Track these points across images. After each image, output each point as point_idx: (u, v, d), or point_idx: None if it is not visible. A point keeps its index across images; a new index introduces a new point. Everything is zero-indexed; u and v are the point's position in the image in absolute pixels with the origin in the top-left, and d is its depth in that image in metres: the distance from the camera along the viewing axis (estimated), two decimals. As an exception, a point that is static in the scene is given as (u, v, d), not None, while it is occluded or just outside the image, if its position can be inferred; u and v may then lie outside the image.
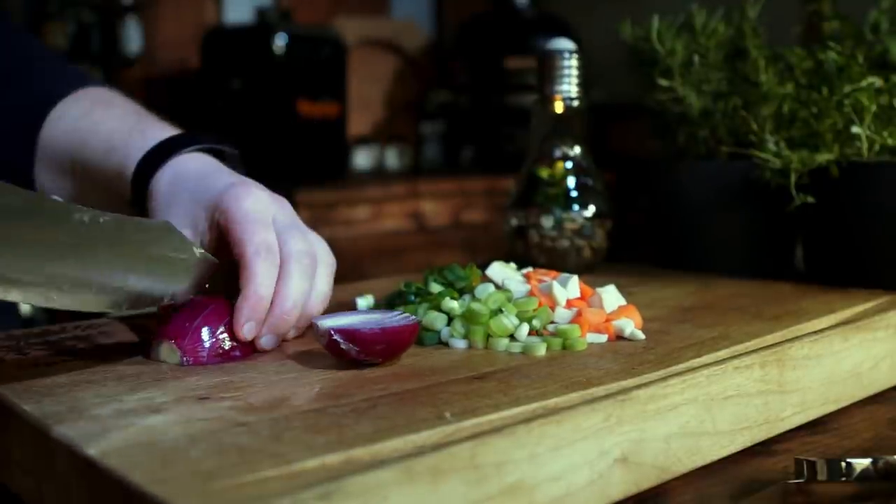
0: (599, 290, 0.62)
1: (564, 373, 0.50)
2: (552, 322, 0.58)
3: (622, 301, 0.62)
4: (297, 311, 0.56)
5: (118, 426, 0.41)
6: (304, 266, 0.57)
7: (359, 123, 2.55)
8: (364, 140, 2.53)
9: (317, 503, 0.33)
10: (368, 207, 2.08)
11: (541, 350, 0.54)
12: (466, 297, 0.59)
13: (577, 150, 0.83)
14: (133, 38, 2.23)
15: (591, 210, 0.82)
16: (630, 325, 0.58)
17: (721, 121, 0.83)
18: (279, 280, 0.55)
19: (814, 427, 0.55)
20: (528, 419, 0.40)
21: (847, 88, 0.72)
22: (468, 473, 0.37)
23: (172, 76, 2.36)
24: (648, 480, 0.45)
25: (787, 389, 0.53)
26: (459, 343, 0.56)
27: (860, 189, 0.74)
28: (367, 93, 2.60)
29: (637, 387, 0.45)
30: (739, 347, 0.55)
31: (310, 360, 0.53)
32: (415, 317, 0.55)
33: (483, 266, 0.64)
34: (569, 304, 0.60)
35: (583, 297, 0.61)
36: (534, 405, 0.43)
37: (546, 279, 0.62)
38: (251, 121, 2.10)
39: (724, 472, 0.48)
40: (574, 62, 0.82)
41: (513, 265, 0.65)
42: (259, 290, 0.54)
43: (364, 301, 0.66)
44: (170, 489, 0.33)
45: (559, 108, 0.82)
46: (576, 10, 2.56)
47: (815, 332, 0.57)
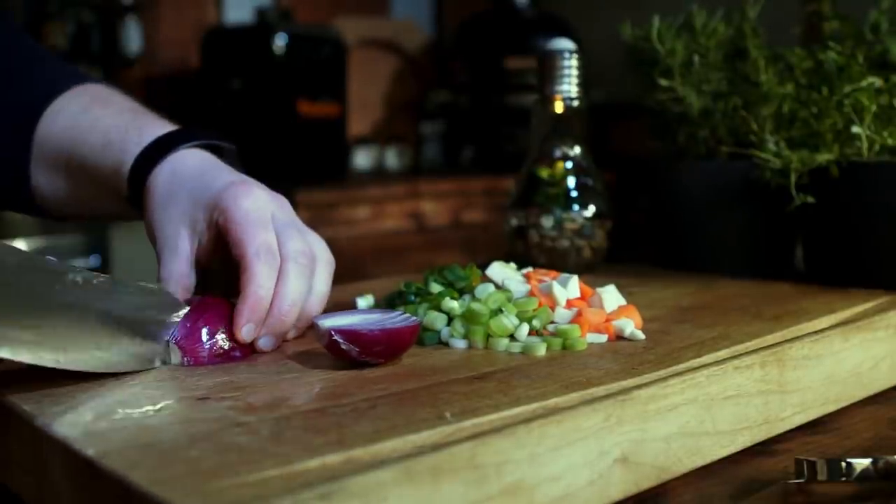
0: (599, 290, 0.62)
1: (564, 373, 0.50)
2: (552, 322, 0.58)
3: (622, 301, 0.62)
4: (296, 312, 0.56)
5: (118, 426, 0.41)
6: (303, 266, 0.56)
7: (359, 123, 2.55)
8: (364, 140, 2.53)
9: (317, 503, 0.33)
10: (368, 207, 2.08)
11: (541, 350, 0.54)
12: (466, 297, 0.59)
13: (577, 150, 0.83)
14: (133, 38, 2.23)
15: (591, 210, 0.82)
16: (630, 325, 0.58)
17: (721, 121, 0.83)
18: (277, 280, 0.55)
19: (814, 427, 0.55)
20: (528, 419, 0.40)
21: (847, 88, 0.72)
22: (468, 473, 0.37)
23: (172, 76, 2.36)
24: (648, 480, 0.45)
25: (787, 389, 0.53)
26: (459, 343, 0.56)
27: (860, 189, 0.74)
28: (367, 93, 2.60)
29: (637, 387, 0.45)
30: (739, 347, 0.55)
31: (310, 360, 0.53)
32: (415, 317, 0.55)
33: (483, 266, 0.64)
34: (569, 304, 0.60)
35: (583, 297, 0.61)
36: (534, 405, 0.43)
37: (546, 279, 0.62)
38: (251, 121, 2.10)
39: (724, 472, 0.48)
40: (574, 62, 0.82)
41: (513, 265, 0.65)
42: (258, 292, 0.54)
43: (364, 301, 0.66)
44: (170, 489, 0.33)
45: (559, 108, 0.82)
46: (576, 10, 2.56)
47: (815, 332, 0.57)
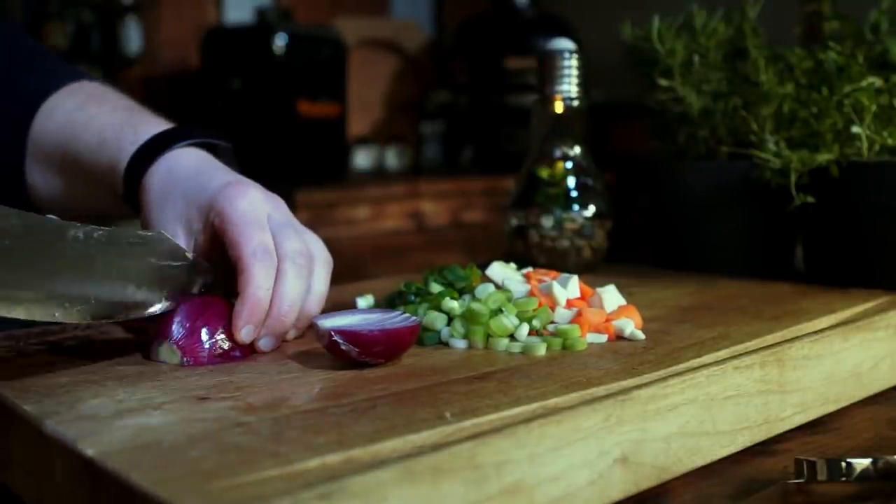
0: (599, 290, 0.62)
1: (564, 373, 0.50)
2: (552, 322, 0.58)
3: (622, 301, 0.62)
4: (295, 312, 0.56)
5: (118, 426, 0.41)
6: (300, 266, 0.56)
7: (359, 123, 2.55)
8: (364, 140, 2.53)
9: (317, 503, 0.33)
10: (368, 207, 2.08)
11: (541, 350, 0.54)
12: (466, 297, 0.59)
13: (577, 150, 0.83)
14: (133, 38, 2.23)
15: (591, 210, 0.82)
16: (630, 325, 0.58)
17: (721, 121, 0.83)
18: (276, 281, 0.55)
19: (814, 427, 0.55)
20: (528, 419, 0.40)
21: (847, 88, 0.72)
22: (468, 473, 0.37)
23: (172, 76, 2.36)
24: (648, 480, 0.45)
25: (787, 389, 0.53)
26: (459, 343, 0.56)
27: (860, 189, 0.74)
28: (367, 93, 2.60)
29: (637, 387, 0.45)
30: (739, 347, 0.55)
31: (310, 360, 0.53)
32: (415, 317, 0.55)
33: (483, 266, 0.64)
34: (569, 304, 0.60)
35: (583, 297, 0.61)
36: (534, 405, 0.43)
37: (546, 279, 0.62)
38: (251, 121, 2.10)
39: (724, 472, 0.48)
40: (574, 62, 0.82)
41: (513, 265, 0.65)
42: (257, 293, 0.54)
43: (364, 301, 0.66)
44: (170, 489, 0.33)
45: (559, 108, 0.82)
46: (576, 10, 2.56)
47: (815, 332, 0.57)
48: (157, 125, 0.65)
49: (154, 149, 0.62)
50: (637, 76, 0.89)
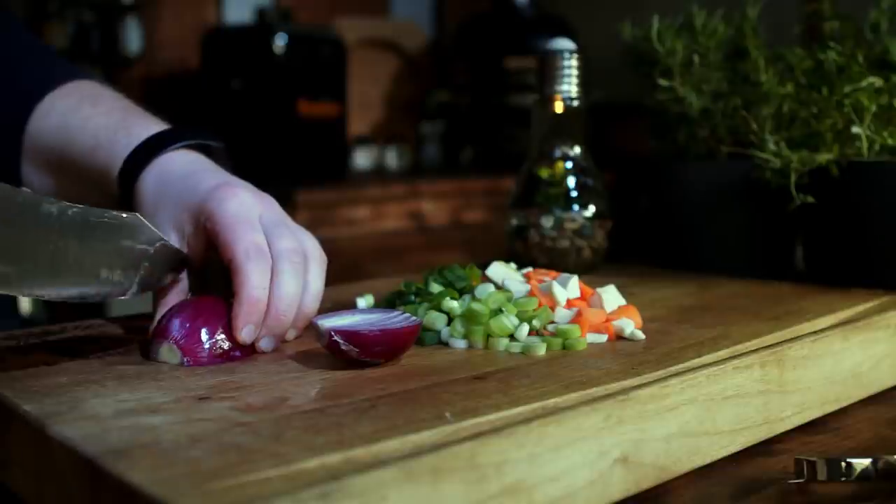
0: (599, 290, 0.62)
1: (564, 373, 0.50)
2: (552, 322, 0.58)
3: (622, 301, 0.62)
4: (293, 311, 0.56)
5: (118, 426, 0.41)
6: (295, 264, 0.56)
7: (359, 123, 2.55)
8: (364, 140, 2.53)
9: (317, 503, 0.33)
10: (368, 207, 2.07)
11: (541, 350, 0.54)
12: (466, 297, 0.59)
13: (577, 150, 0.83)
14: (133, 38, 2.23)
15: (591, 210, 0.82)
16: (630, 325, 0.58)
17: (721, 121, 0.83)
18: (272, 280, 0.55)
19: (814, 427, 0.55)
20: (528, 419, 0.40)
21: (847, 88, 0.72)
22: (468, 473, 0.37)
23: (172, 76, 2.36)
24: (648, 480, 0.45)
25: (787, 389, 0.53)
26: (459, 343, 0.56)
27: (860, 189, 0.74)
28: (367, 93, 2.60)
29: (637, 387, 0.45)
30: (739, 347, 0.55)
31: (310, 360, 0.53)
32: (415, 317, 0.55)
33: (483, 266, 0.64)
34: (569, 304, 0.60)
35: (583, 297, 0.61)
36: (534, 405, 0.43)
37: (546, 279, 0.62)
38: (251, 121, 2.09)
39: (724, 472, 0.48)
40: (574, 62, 0.82)
41: (513, 265, 0.65)
42: (253, 293, 0.54)
43: (364, 301, 0.66)
44: (170, 489, 0.33)
45: (559, 108, 0.82)
46: (576, 10, 2.56)
47: (815, 332, 0.57)
48: (151, 127, 0.64)
49: (146, 153, 0.62)
50: (637, 76, 0.89)
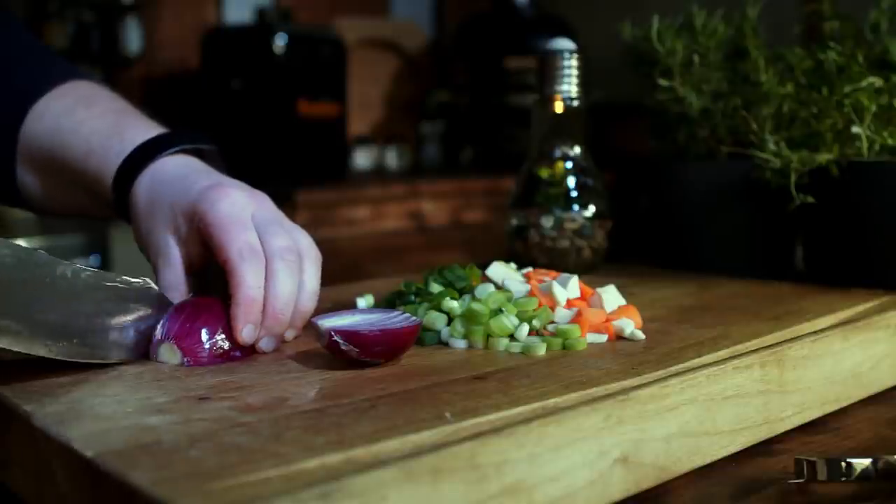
0: (599, 290, 0.62)
1: (564, 373, 0.50)
2: (552, 322, 0.58)
3: (622, 301, 0.62)
4: (290, 310, 0.55)
5: (118, 426, 0.41)
6: (290, 262, 0.56)
7: (359, 123, 2.55)
8: (364, 140, 2.53)
9: (317, 503, 0.33)
10: (368, 207, 2.07)
11: (541, 350, 0.54)
12: (466, 297, 0.59)
13: (577, 150, 0.83)
14: (133, 38, 2.23)
15: (591, 210, 0.82)
16: (630, 325, 0.58)
17: (721, 121, 0.83)
18: (267, 280, 0.55)
19: (814, 427, 0.55)
20: (528, 419, 0.40)
21: (847, 88, 0.72)
22: (468, 473, 0.37)
23: (172, 76, 2.36)
24: (648, 480, 0.45)
25: (787, 389, 0.53)
26: (459, 343, 0.56)
27: (860, 189, 0.74)
28: (367, 93, 2.60)
29: (637, 387, 0.45)
30: (739, 347, 0.55)
31: (310, 360, 0.53)
32: (415, 317, 0.55)
33: (483, 266, 0.64)
34: (569, 304, 0.60)
35: (583, 297, 0.61)
36: (534, 405, 0.43)
37: (546, 279, 0.62)
38: (251, 121, 2.10)
39: (724, 472, 0.48)
40: (574, 62, 0.82)
41: (513, 265, 0.65)
42: (249, 293, 0.54)
43: (364, 301, 0.66)
44: (170, 489, 0.33)
45: (559, 108, 0.82)
46: (576, 10, 2.56)
47: (815, 332, 0.57)
48: (144, 132, 0.64)
49: (140, 160, 0.62)
50: (637, 76, 0.89)
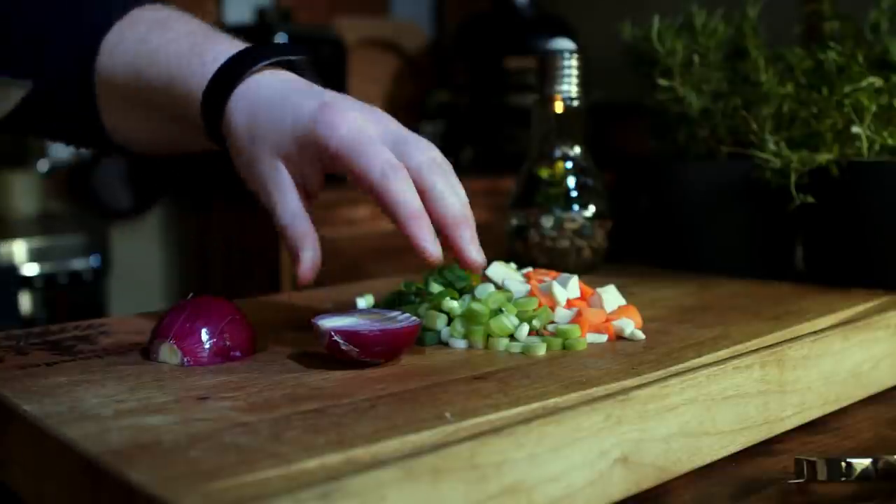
0: (599, 290, 0.62)
1: (564, 373, 0.50)
2: (552, 322, 0.58)
3: (622, 301, 0.62)
4: (469, 209, 0.53)
5: (118, 426, 0.41)
6: (442, 174, 0.53)
7: (359, 123, 2.54)
8: (364, 140, 2.53)
9: (317, 503, 0.33)
10: (368, 207, 2.07)
11: (541, 350, 0.54)
12: (466, 297, 0.59)
13: (577, 150, 0.83)
14: (133, 38, 2.23)
15: (591, 210, 0.82)
16: (630, 325, 0.58)
17: (721, 121, 0.83)
18: (429, 194, 0.52)
19: (814, 427, 0.55)
20: (528, 419, 0.40)
21: (847, 88, 0.72)
22: (468, 473, 0.37)
23: (172, 76, 2.35)
24: (648, 480, 0.45)
25: (787, 389, 0.53)
26: (459, 343, 0.56)
27: (860, 189, 0.74)
28: (367, 93, 2.60)
29: (637, 387, 0.45)
30: (739, 347, 0.55)
31: (310, 360, 0.53)
32: (415, 317, 0.55)
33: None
34: (569, 304, 0.60)
35: (583, 297, 0.61)
36: (534, 405, 0.43)
37: (546, 279, 0.62)
38: (251, 121, 2.09)
39: (724, 472, 0.48)
40: (574, 62, 0.82)
41: (513, 265, 0.65)
42: (413, 207, 0.51)
43: (364, 301, 0.66)
44: (170, 489, 0.33)
45: (559, 108, 0.82)
46: (576, 10, 2.56)
47: (815, 332, 0.57)
48: (227, 48, 0.60)
49: (227, 81, 0.57)
50: (637, 76, 0.89)
